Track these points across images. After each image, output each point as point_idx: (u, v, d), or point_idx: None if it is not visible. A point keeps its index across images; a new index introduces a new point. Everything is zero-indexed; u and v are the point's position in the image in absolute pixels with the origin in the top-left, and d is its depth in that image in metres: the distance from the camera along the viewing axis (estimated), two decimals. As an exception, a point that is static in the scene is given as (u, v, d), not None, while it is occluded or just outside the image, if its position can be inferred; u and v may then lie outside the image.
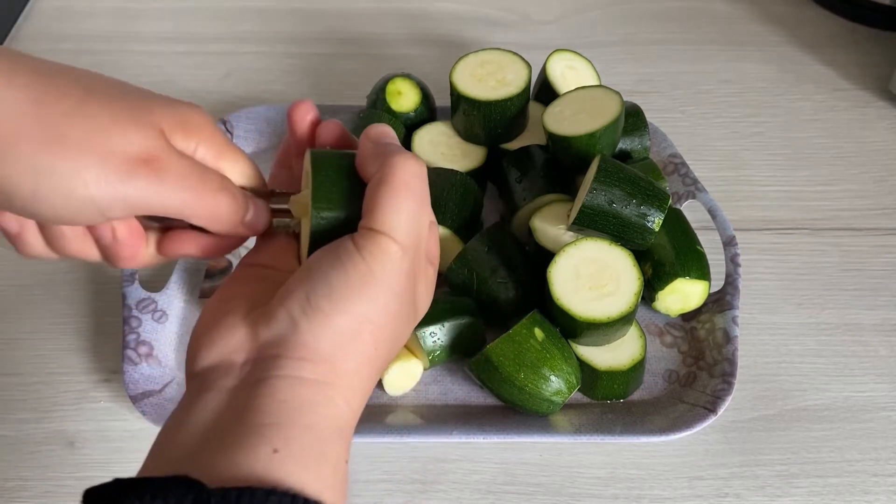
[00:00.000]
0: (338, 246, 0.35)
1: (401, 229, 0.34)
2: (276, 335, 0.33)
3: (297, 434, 0.31)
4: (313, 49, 0.87)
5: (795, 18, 0.91)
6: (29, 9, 0.91)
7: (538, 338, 0.56)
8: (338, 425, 0.33)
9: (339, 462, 0.32)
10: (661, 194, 0.59)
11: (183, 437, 0.32)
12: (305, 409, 0.32)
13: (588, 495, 0.56)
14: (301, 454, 0.30)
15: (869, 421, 0.59)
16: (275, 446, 0.30)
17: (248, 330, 0.34)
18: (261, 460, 0.29)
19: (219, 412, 0.32)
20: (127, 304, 0.61)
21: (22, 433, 0.58)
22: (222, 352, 0.34)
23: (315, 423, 0.31)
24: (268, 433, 0.30)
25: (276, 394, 0.31)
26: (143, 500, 0.27)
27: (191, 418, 0.32)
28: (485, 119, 0.66)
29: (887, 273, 0.68)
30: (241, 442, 0.30)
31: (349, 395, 0.33)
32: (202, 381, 0.34)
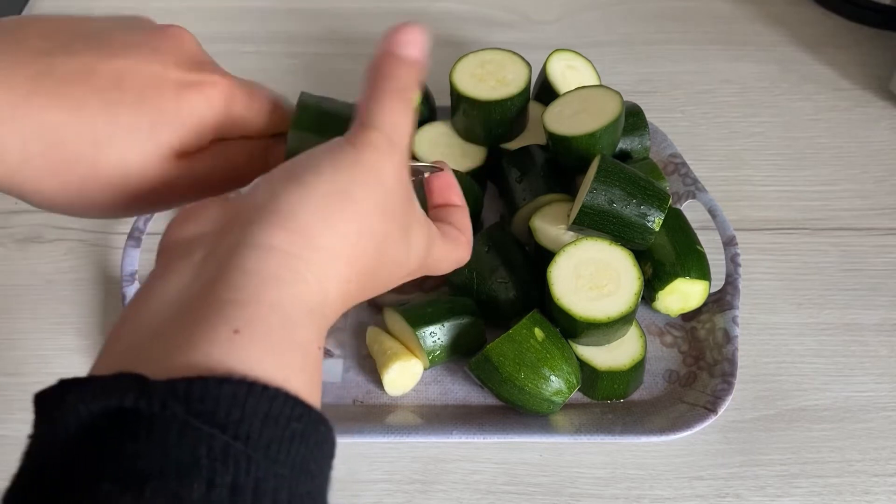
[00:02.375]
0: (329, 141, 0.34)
1: (390, 126, 0.34)
2: (252, 202, 0.31)
3: (262, 313, 0.28)
4: (313, 49, 0.87)
5: (795, 18, 0.91)
6: (29, 9, 0.91)
7: (538, 338, 0.56)
8: (308, 306, 0.29)
9: (309, 346, 0.29)
10: (662, 194, 0.59)
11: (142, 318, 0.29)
12: (271, 284, 0.28)
13: (588, 495, 0.56)
14: (265, 335, 0.27)
15: (869, 421, 0.59)
16: (235, 326, 0.27)
17: (225, 204, 0.32)
18: (219, 344, 0.26)
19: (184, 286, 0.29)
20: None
21: (22, 433, 0.58)
22: (197, 225, 0.32)
23: (282, 301, 0.28)
24: (229, 311, 0.27)
25: (243, 264, 0.29)
26: (86, 401, 0.25)
27: (153, 294, 0.29)
28: (485, 119, 0.66)
29: (887, 273, 0.68)
30: (199, 323, 0.27)
31: (323, 275, 0.30)
32: (171, 253, 0.31)
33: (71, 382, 0.26)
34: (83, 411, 0.25)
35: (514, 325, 0.56)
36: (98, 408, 0.25)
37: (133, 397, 0.25)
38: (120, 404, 0.25)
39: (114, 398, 0.25)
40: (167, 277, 0.30)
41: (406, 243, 0.35)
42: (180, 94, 0.35)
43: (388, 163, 0.33)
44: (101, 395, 0.25)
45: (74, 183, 0.33)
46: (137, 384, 0.25)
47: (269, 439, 0.25)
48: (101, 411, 0.25)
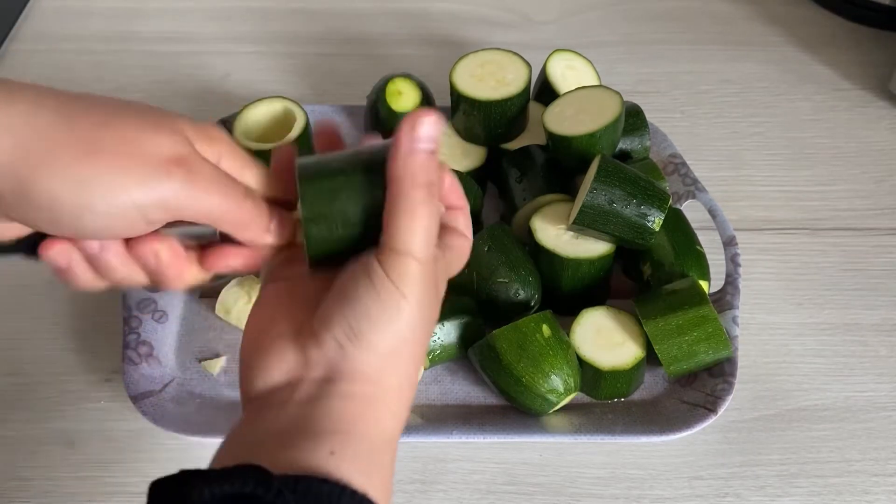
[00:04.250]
0: (366, 268, 0.36)
1: (420, 247, 0.36)
2: (327, 359, 0.36)
3: (351, 441, 0.34)
4: (313, 49, 0.87)
5: (795, 18, 0.91)
6: (29, 9, 0.91)
7: (544, 333, 0.56)
8: (386, 436, 0.36)
9: (386, 470, 0.35)
10: (662, 194, 0.59)
11: (247, 440, 0.34)
12: (358, 421, 0.35)
13: (588, 495, 0.56)
14: (355, 457, 0.33)
15: (869, 421, 0.59)
16: (332, 449, 0.33)
17: (299, 354, 0.36)
18: (319, 459, 0.32)
19: (279, 425, 0.34)
20: (127, 304, 0.61)
21: (22, 433, 0.58)
22: (277, 375, 0.36)
23: (367, 433, 0.35)
24: (325, 438, 0.33)
25: (331, 408, 0.35)
26: (211, 484, 0.29)
27: (252, 432, 0.35)
28: (485, 119, 0.66)
29: (887, 273, 0.68)
30: (301, 444, 0.33)
31: (394, 408, 0.37)
32: (261, 402, 0.36)
33: (193, 472, 0.30)
34: (207, 495, 0.29)
35: (524, 318, 0.56)
36: (220, 492, 0.29)
37: (253, 485, 0.29)
38: (241, 490, 0.29)
39: (237, 484, 0.29)
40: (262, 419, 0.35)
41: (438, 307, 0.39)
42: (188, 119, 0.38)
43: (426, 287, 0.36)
44: (227, 482, 0.29)
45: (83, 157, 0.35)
46: (257, 474, 0.30)
47: None
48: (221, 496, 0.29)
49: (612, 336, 0.58)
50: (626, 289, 0.65)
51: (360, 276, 0.36)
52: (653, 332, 0.57)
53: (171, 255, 0.39)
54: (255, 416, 0.36)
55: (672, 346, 0.57)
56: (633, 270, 0.65)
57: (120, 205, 0.35)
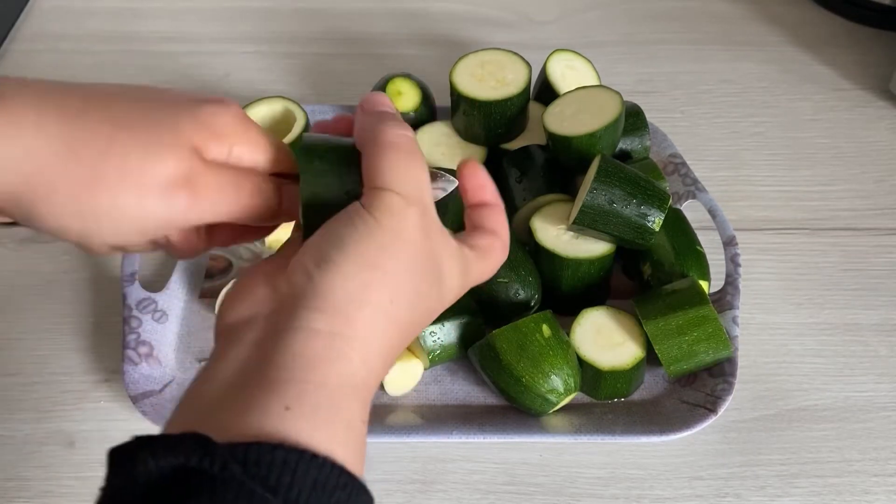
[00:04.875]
0: (347, 209, 0.36)
1: (400, 183, 0.35)
2: (293, 288, 0.34)
3: (309, 390, 0.31)
4: (313, 49, 0.87)
5: (795, 18, 0.91)
6: (29, 9, 0.91)
7: (544, 334, 0.56)
8: (352, 382, 0.33)
9: (353, 420, 0.32)
10: (662, 194, 0.59)
11: (206, 391, 0.33)
12: (318, 364, 0.32)
13: (588, 495, 0.56)
14: (312, 412, 0.30)
15: (869, 421, 0.59)
16: (286, 403, 0.30)
17: (269, 287, 0.35)
18: (272, 417, 0.30)
19: (241, 365, 0.33)
20: (127, 304, 0.61)
21: (22, 433, 0.58)
22: (242, 309, 0.35)
23: (328, 380, 0.32)
24: (280, 389, 0.31)
25: (291, 346, 0.32)
26: (156, 456, 0.28)
27: (215, 373, 0.33)
28: (485, 119, 0.66)
29: (887, 273, 0.68)
30: (255, 398, 0.30)
31: (364, 350, 0.33)
32: (227, 336, 0.35)
33: (145, 439, 0.29)
34: (153, 466, 0.28)
35: (524, 318, 0.56)
36: (166, 464, 0.28)
37: (198, 456, 0.27)
38: (185, 462, 0.27)
39: (180, 455, 0.28)
40: (225, 357, 0.33)
41: (438, 286, 0.37)
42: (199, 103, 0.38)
43: (407, 222, 0.35)
44: (169, 452, 0.28)
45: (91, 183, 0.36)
46: (202, 445, 0.28)
47: None
48: (168, 468, 0.28)
49: (612, 336, 0.58)
50: (626, 289, 0.65)
51: (341, 214, 0.36)
52: (653, 332, 0.57)
53: (181, 238, 0.39)
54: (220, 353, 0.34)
55: (672, 346, 0.57)
56: (633, 270, 0.65)
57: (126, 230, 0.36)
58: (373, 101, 0.40)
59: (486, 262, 0.39)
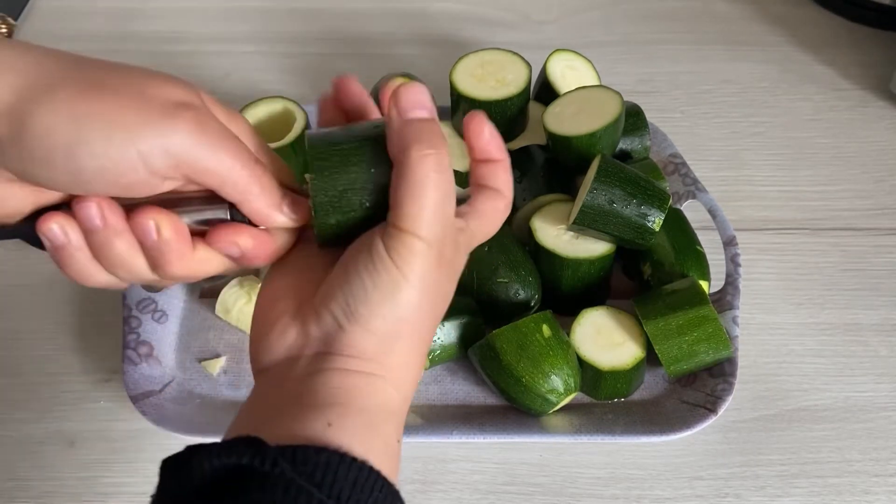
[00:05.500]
0: (369, 245, 0.35)
1: (425, 225, 0.34)
2: (325, 334, 0.36)
3: (350, 413, 0.33)
4: (313, 49, 0.87)
5: (795, 18, 0.91)
6: (29, 9, 0.91)
7: (544, 333, 0.56)
8: (389, 408, 0.35)
9: (389, 438, 0.35)
10: (662, 194, 0.59)
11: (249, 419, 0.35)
12: (357, 394, 0.34)
13: (588, 495, 0.56)
14: (353, 429, 0.33)
15: (869, 421, 0.59)
16: (329, 420, 0.33)
17: (300, 329, 0.36)
18: (316, 430, 0.32)
19: (278, 399, 0.35)
20: (127, 304, 0.61)
21: (22, 433, 0.58)
22: (278, 351, 0.36)
23: (367, 406, 0.34)
24: (322, 410, 0.33)
25: (329, 381, 0.34)
26: (210, 457, 0.30)
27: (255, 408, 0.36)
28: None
29: (887, 273, 0.68)
30: (299, 417, 0.33)
31: (398, 383, 0.36)
32: (265, 378, 0.37)
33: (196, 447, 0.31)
34: (207, 468, 0.30)
35: (524, 318, 0.56)
36: (219, 464, 0.30)
37: (250, 456, 0.30)
38: (238, 461, 0.30)
39: (233, 456, 0.30)
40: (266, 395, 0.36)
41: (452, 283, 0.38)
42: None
43: (428, 266, 0.35)
44: (223, 454, 0.30)
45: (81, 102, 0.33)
46: (253, 445, 0.30)
47: (355, 502, 0.30)
48: (221, 468, 0.30)
49: (612, 336, 0.58)
50: (626, 289, 0.65)
51: (363, 253, 0.35)
52: (653, 333, 0.57)
53: (173, 232, 0.36)
54: (259, 392, 0.36)
55: (672, 347, 0.57)
56: (633, 270, 0.65)
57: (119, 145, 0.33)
58: (411, 101, 0.36)
59: (490, 224, 0.39)
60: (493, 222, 0.39)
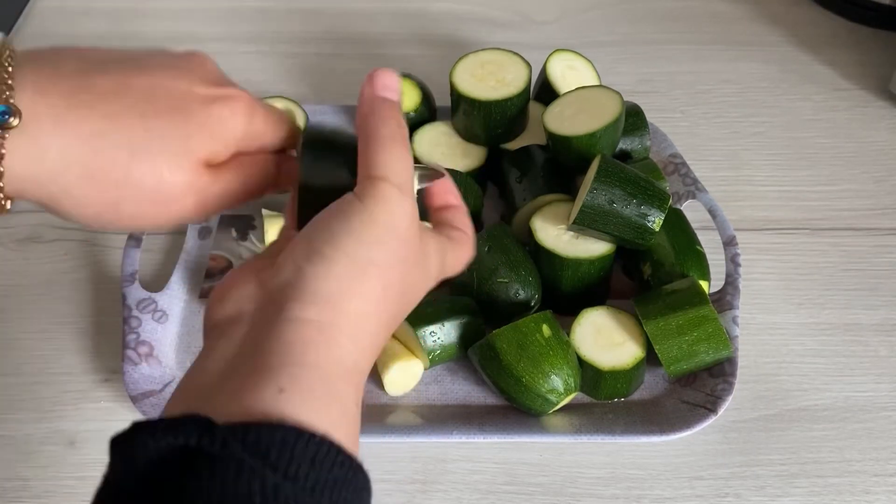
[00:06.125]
0: (340, 199, 0.36)
1: (396, 173, 0.35)
2: (282, 282, 0.34)
3: (302, 373, 0.31)
4: (313, 49, 0.87)
5: (795, 18, 0.91)
6: (29, 9, 0.91)
7: (544, 334, 0.56)
8: (344, 366, 0.33)
9: (347, 402, 0.32)
10: (662, 194, 0.59)
11: (197, 382, 0.33)
12: (310, 349, 0.32)
13: (588, 495, 0.56)
14: (307, 393, 0.31)
15: (869, 421, 0.59)
16: (281, 385, 0.30)
17: (257, 282, 0.35)
18: (267, 399, 0.30)
19: (230, 357, 0.33)
20: (127, 304, 0.61)
21: (22, 433, 0.58)
22: (235, 304, 0.35)
23: (320, 363, 0.32)
24: (274, 373, 0.31)
25: (281, 335, 0.32)
26: (156, 436, 0.28)
27: (205, 365, 0.33)
28: (485, 119, 0.66)
29: (887, 273, 0.68)
30: (249, 382, 0.31)
31: (355, 336, 0.34)
32: (216, 331, 0.35)
33: (142, 424, 0.29)
34: (151, 447, 0.28)
35: (524, 318, 0.56)
36: (165, 444, 0.28)
37: (197, 436, 0.27)
38: (185, 442, 0.27)
39: (180, 436, 0.27)
40: (215, 350, 0.33)
41: (424, 274, 0.38)
42: (208, 106, 0.37)
43: (400, 212, 0.35)
44: (168, 433, 0.28)
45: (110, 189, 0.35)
46: (201, 425, 0.28)
47: (314, 482, 0.28)
48: (167, 448, 0.28)
49: (612, 336, 0.58)
50: (626, 289, 0.65)
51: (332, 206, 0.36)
52: (653, 332, 0.57)
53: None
54: (207, 350, 0.34)
55: (672, 346, 0.57)
56: (633, 270, 0.65)
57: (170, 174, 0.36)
58: (381, 82, 0.39)
59: (461, 252, 0.41)
60: (465, 252, 0.41)
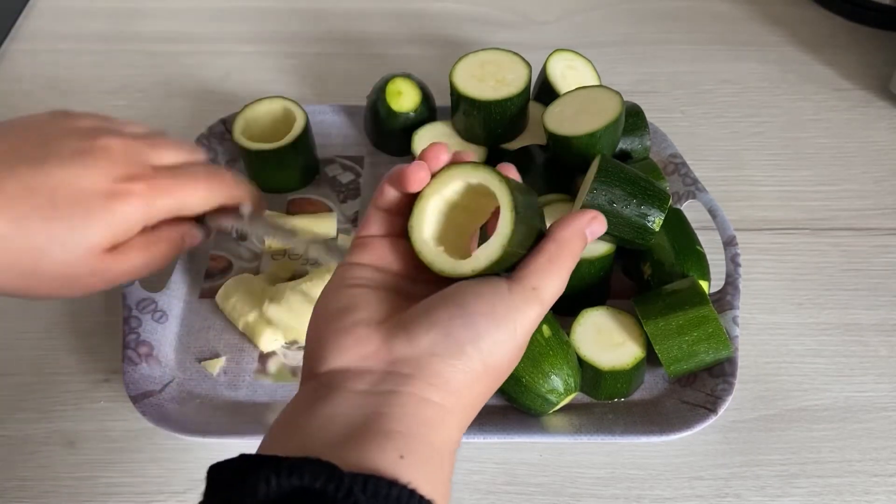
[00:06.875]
0: (494, 288, 0.37)
1: (550, 294, 0.38)
2: (413, 356, 0.35)
3: (420, 447, 0.33)
4: (313, 49, 0.87)
5: (795, 18, 0.91)
6: (29, 8, 0.91)
7: (545, 334, 0.56)
8: (450, 446, 0.35)
9: (448, 475, 0.35)
10: (662, 194, 0.59)
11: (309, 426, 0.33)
12: (429, 427, 0.34)
13: (588, 495, 0.56)
14: (422, 464, 0.33)
15: (869, 421, 0.59)
16: (401, 452, 0.32)
17: (383, 342, 0.36)
18: (388, 461, 0.31)
19: (349, 410, 0.34)
20: (127, 304, 0.61)
21: (22, 433, 0.58)
22: (354, 357, 0.36)
23: (435, 441, 0.34)
24: (395, 439, 0.33)
25: (405, 406, 0.34)
26: (280, 474, 0.28)
27: (317, 412, 0.34)
28: (485, 119, 0.66)
29: (887, 273, 0.68)
30: (371, 442, 0.32)
31: (463, 422, 0.36)
32: (330, 380, 0.35)
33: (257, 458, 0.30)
34: (274, 485, 0.28)
35: None
36: (288, 484, 0.28)
37: (323, 480, 0.28)
38: (310, 485, 0.28)
39: (306, 478, 0.28)
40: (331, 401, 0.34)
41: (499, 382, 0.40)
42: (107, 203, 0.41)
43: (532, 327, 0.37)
44: (295, 474, 0.28)
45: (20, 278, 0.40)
46: (328, 470, 0.29)
47: None
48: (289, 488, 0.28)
49: (612, 336, 0.58)
50: (626, 289, 0.65)
51: (485, 293, 0.36)
52: (653, 332, 0.57)
53: None
54: (317, 395, 0.35)
55: (672, 347, 0.57)
56: (633, 270, 0.65)
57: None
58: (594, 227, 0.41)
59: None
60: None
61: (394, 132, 0.71)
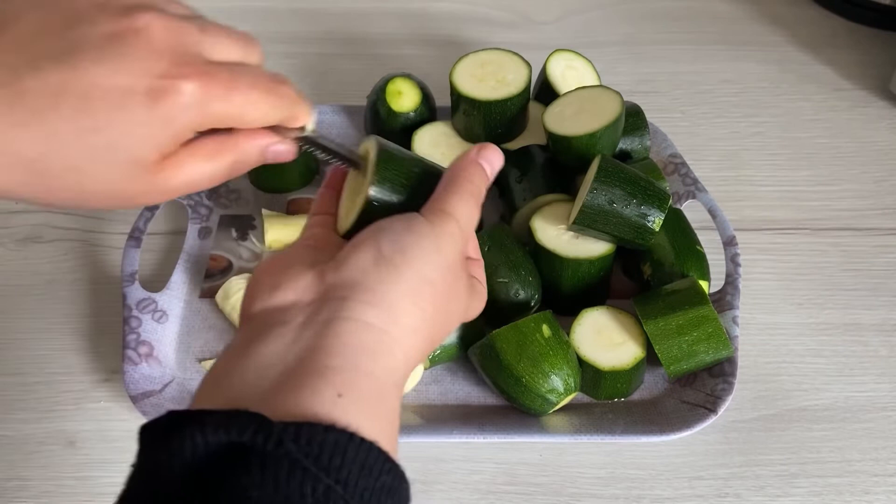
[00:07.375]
0: (408, 216, 0.37)
1: (463, 216, 0.38)
2: (346, 279, 0.34)
3: (359, 380, 0.31)
4: (313, 49, 0.87)
5: (795, 18, 0.91)
6: (29, 9, 0.91)
7: (544, 334, 0.56)
8: (394, 377, 0.34)
9: (393, 414, 0.33)
10: (662, 194, 0.59)
11: (247, 371, 0.32)
12: (368, 356, 0.32)
13: (588, 495, 0.56)
14: (363, 401, 0.31)
15: (869, 421, 0.59)
16: (338, 391, 0.30)
17: (315, 275, 0.35)
18: (325, 403, 0.30)
19: (284, 349, 0.32)
20: (127, 304, 0.61)
21: (22, 433, 0.58)
22: (288, 293, 0.35)
23: (375, 372, 0.32)
24: (332, 376, 0.31)
25: (341, 336, 0.32)
26: (205, 430, 0.27)
27: (251, 355, 0.32)
28: (485, 119, 0.66)
29: (887, 273, 0.68)
30: (306, 383, 0.30)
31: (406, 349, 0.34)
32: (265, 319, 0.34)
33: (184, 415, 0.28)
34: (200, 443, 0.27)
35: (524, 318, 0.56)
36: (215, 440, 0.27)
37: (251, 433, 0.27)
38: (238, 439, 0.27)
39: (233, 432, 0.27)
40: (265, 340, 0.33)
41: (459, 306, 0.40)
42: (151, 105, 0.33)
43: (457, 249, 0.38)
44: (221, 429, 0.27)
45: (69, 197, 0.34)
46: (256, 422, 0.27)
47: (363, 488, 0.28)
48: (216, 444, 0.27)
49: (612, 336, 0.58)
50: (626, 289, 0.65)
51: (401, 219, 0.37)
52: (653, 332, 0.57)
53: None
54: (251, 336, 0.33)
55: (672, 346, 0.57)
56: (633, 270, 0.65)
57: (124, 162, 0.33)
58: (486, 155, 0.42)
59: (479, 302, 0.42)
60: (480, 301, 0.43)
61: (394, 132, 0.71)
